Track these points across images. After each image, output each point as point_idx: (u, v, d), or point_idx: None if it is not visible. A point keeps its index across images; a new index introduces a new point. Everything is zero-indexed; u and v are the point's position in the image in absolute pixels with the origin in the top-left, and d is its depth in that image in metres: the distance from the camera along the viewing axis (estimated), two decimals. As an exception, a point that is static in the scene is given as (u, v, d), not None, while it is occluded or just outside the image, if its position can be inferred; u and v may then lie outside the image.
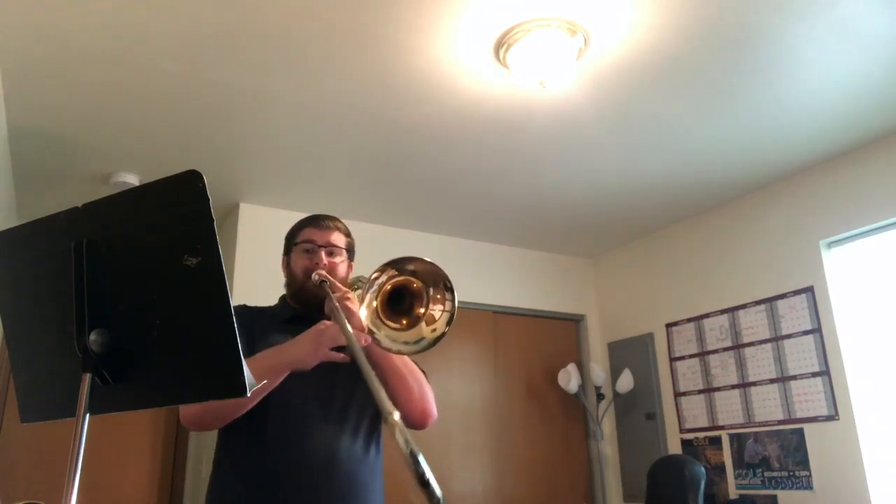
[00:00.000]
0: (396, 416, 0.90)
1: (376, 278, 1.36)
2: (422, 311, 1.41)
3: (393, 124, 3.08)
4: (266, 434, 1.49)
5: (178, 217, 0.98)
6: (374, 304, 1.37)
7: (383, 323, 1.39)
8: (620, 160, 3.51)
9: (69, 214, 1.05)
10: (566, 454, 4.60)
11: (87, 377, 0.98)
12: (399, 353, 1.40)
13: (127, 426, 3.83)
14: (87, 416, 0.98)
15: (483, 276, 4.53)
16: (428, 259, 1.39)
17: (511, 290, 4.64)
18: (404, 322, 1.41)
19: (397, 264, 1.38)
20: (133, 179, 3.45)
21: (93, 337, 0.99)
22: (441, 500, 0.93)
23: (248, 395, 0.95)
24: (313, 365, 1.43)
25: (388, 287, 1.38)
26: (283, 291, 1.79)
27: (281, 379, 1.43)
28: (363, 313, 1.36)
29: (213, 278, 0.96)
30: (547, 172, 3.63)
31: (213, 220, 0.96)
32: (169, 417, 4.00)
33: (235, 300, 1.06)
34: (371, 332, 1.36)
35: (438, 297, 1.41)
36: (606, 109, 3.00)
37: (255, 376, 1.38)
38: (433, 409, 1.59)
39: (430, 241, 4.43)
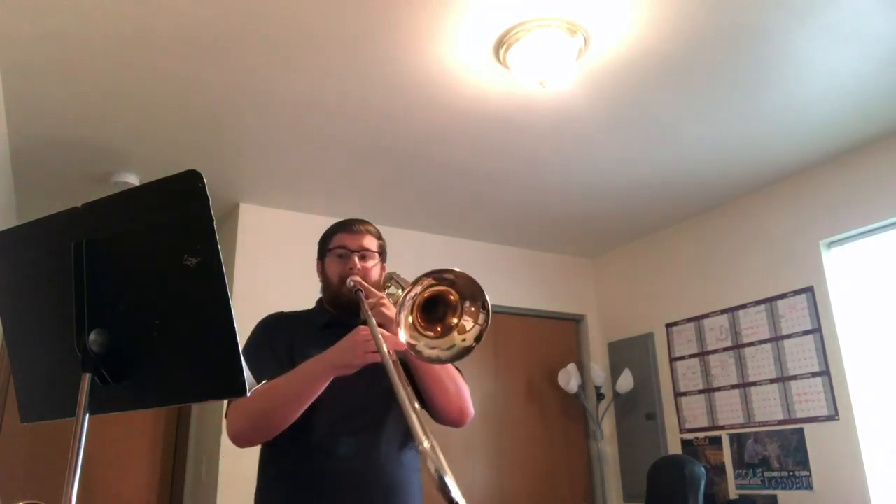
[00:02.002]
0: (426, 444, 0.98)
1: (414, 290, 1.38)
2: (454, 321, 1.44)
3: (393, 124, 3.08)
4: (310, 443, 1.52)
5: (178, 217, 0.98)
6: (411, 317, 1.39)
7: (420, 333, 1.41)
8: (620, 160, 3.51)
9: (69, 214, 1.05)
10: (566, 454, 4.60)
11: (87, 377, 0.98)
12: (437, 359, 1.42)
13: (127, 426, 3.83)
14: (87, 416, 0.98)
15: (483, 276, 4.49)
16: (469, 274, 1.42)
17: (511, 290, 4.64)
18: (438, 330, 1.43)
19: (436, 275, 1.40)
20: (133, 179, 3.45)
21: (93, 337, 0.99)
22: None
23: (248, 394, 0.95)
24: (357, 369, 1.47)
25: (426, 295, 1.41)
26: (283, 290, 1.81)
27: (325, 385, 1.47)
28: (402, 326, 1.38)
29: (213, 278, 0.96)
30: (547, 172, 3.63)
31: (213, 220, 0.96)
32: (169, 417, 4.00)
33: (235, 300, 1.06)
34: (411, 345, 1.38)
35: (473, 310, 1.45)
36: (606, 109, 3.00)
37: (301, 386, 1.45)
38: (470, 408, 1.66)
39: (431, 241, 4.43)
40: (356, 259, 1.68)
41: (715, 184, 3.84)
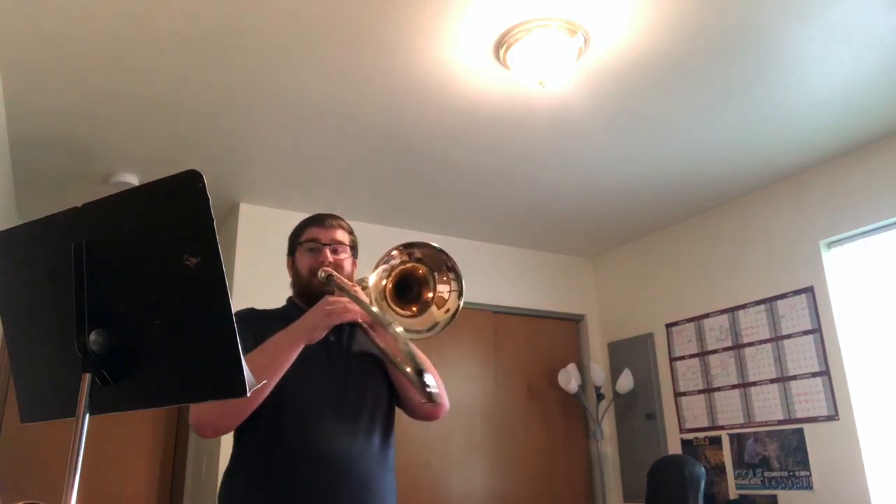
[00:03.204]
0: (398, 328, 1.08)
1: (382, 267, 1.41)
2: (430, 295, 1.46)
3: (393, 124, 3.08)
4: (281, 435, 1.50)
5: (178, 217, 0.98)
6: (385, 298, 1.41)
7: (395, 314, 1.43)
8: (620, 160, 3.51)
9: (69, 214, 1.05)
10: (566, 454, 4.60)
11: (87, 377, 0.98)
12: (412, 340, 1.42)
13: (127, 426, 3.83)
14: (87, 416, 0.98)
15: (483, 276, 4.53)
16: (430, 243, 1.46)
17: (511, 290, 4.64)
18: (414, 309, 1.46)
19: (407, 249, 1.44)
20: (133, 179, 3.45)
21: (93, 337, 0.99)
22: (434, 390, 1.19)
23: (248, 394, 0.95)
24: (324, 333, 1.49)
25: (395, 276, 1.44)
26: (283, 290, 1.80)
27: (294, 356, 1.47)
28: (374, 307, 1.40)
29: (213, 278, 0.96)
30: (547, 172, 3.63)
31: (213, 220, 0.96)
32: (169, 417, 4.00)
33: (235, 300, 1.06)
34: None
35: (444, 278, 1.46)
36: (606, 109, 3.00)
37: (269, 358, 1.44)
38: (445, 402, 1.66)
39: (430, 240, 4.42)
40: (327, 252, 1.66)
41: (715, 184, 3.84)
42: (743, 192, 3.97)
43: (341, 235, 1.71)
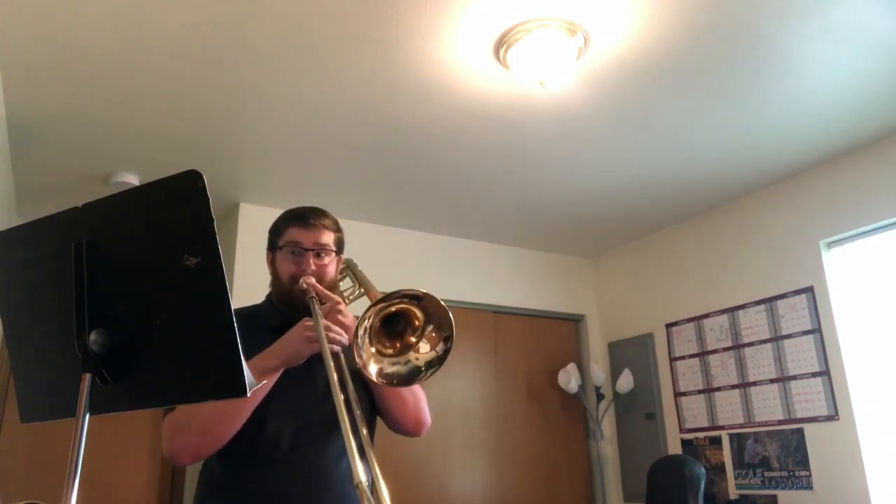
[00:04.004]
0: (363, 480, 1.06)
1: (379, 306, 1.31)
2: (413, 340, 1.37)
3: (393, 124, 3.08)
4: (259, 447, 1.44)
5: (178, 217, 0.98)
6: (369, 337, 1.32)
7: (378, 350, 1.35)
8: (620, 160, 3.51)
9: (69, 214, 1.05)
10: (566, 454, 4.60)
11: (87, 377, 0.98)
12: (389, 377, 1.35)
13: (127, 426, 3.83)
14: (87, 416, 0.97)
15: (483, 276, 4.53)
16: (442, 303, 1.35)
17: (511, 290, 4.64)
18: (397, 346, 1.37)
19: (408, 297, 1.33)
20: (133, 179, 3.45)
21: (93, 337, 0.99)
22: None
23: (248, 394, 0.95)
24: (305, 358, 1.42)
25: (390, 311, 1.35)
26: None
27: (275, 379, 1.41)
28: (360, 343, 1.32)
29: (213, 278, 0.96)
30: (547, 172, 3.63)
31: (213, 220, 0.96)
32: (169, 417, 4.00)
33: (235, 300, 1.06)
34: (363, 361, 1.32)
35: (434, 336, 1.38)
36: (606, 109, 3.00)
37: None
38: (427, 418, 1.59)
39: (431, 241, 4.43)
40: (310, 259, 1.55)
41: (715, 184, 3.84)
42: (743, 192, 3.97)
43: (325, 237, 1.59)
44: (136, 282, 1.02)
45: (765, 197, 3.92)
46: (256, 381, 1.34)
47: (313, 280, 1.52)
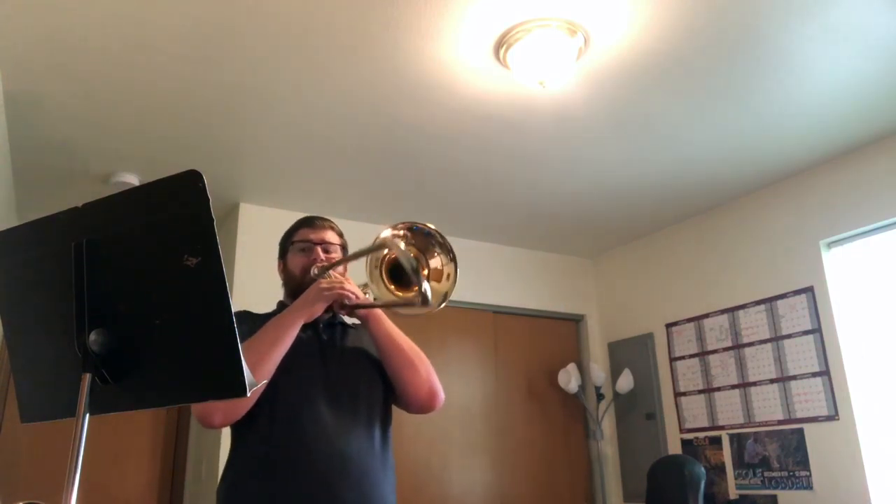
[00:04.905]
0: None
1: (373, 260, 1.52)
2: (426, 272, 1.52)
3: (393, 124, 3.08)
4: (278, 432, 1.50)
5: (178, 217, 0.98)
6: (384, 283, 1.51)
7: (397, 296, 1.52)
8: (620, 160, 3.51)
9: (69, 214, 1.05)
10: (566, 454, 4.60)
11: (87, 377, 0.98)
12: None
13: (127, 426, 3.83)
14: (87, 416, 0.98)
15: (483, 276, 4.53)
16: (404, 224, 1.55)
17: (511, 290, 4.64)
18: (415, 289, 1.52)
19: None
20: (133, 179, 3.45)
21: (93, 337, 0.99)
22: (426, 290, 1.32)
23: (248, 394, 0.95)
24: (324, 308, 1.54)
25: (386, 265, 1.51)
26: (282, 291, 1.80)
27: (295, 333, 1.51)
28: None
29: (213, 278, 0.96)
30: (547, 172, 3.63)
31: (213, 220, 0.96)
32: (169, 417, 4.00)
33: (235, 300, 1.06)
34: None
35: (434, 252, 1.55)
36: (606, 109, 3.00)
37: (271, 335, 1.49)
38: (440, 390, 1.67)
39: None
40: (319, 250, 1.69)
41: (715, 184, 3.84)
42: (743, 192, 3.97)
43: (331, 236, 1.74)
44: (136, 282, 1.02)
45: (765, 197, 3.92)
46: (279, 337, 1.47)
47: (323, 258, 1.68)
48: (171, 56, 2.52)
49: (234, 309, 0.96)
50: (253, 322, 1.62)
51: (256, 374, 1.43)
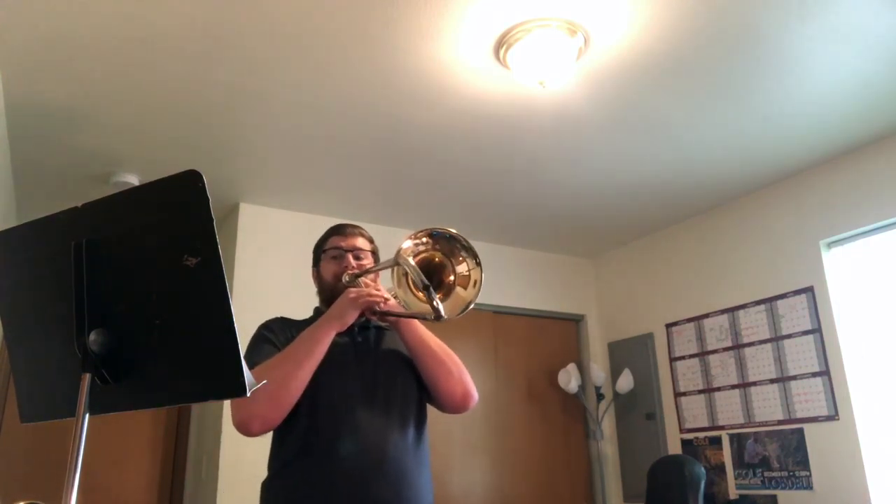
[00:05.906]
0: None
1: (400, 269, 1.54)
2: (452, 278, 1.57)
3: (393, 124, 3.08)
4: (317, 434, 1.54)
5: (178, 217, 0.98)
6: (411, 291, 1.55)
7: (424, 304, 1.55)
8: (620, 160, 3.51)
9: (69, 214, 1.05)
10: (566, 454, 4.60)
11: (87, 377, 0.98)
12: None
13: (127, 426, 3.83)
14: (87, 416, 0.98)
15: (484, 275, 4.52)
16: (433, 229, 1.57)
17: (511, 290, 4.64)
18: (441, 296, 1.55)
19: (415, 242, 1.55)
20: (133, 179, 3.45)
21: (92, 337, 0.99)
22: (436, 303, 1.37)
23: (248, 394, 0.95)
24: (355, 317, 1.59)
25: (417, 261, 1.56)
26: (282, 291, 1.83)
27: (328, 342, 1.55)
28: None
29: (213, 278, 0.96)
30: (547, 172, 3.63)
31: (213, 220, 0.96)
32: (169, 417, 4.00)
33: (235, 300, 1.06)
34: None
35: (460, 257, 1.58)
36: (606, 109, 3.00)
37: (306, 346, 1.53)
38: (474, 390, 1.69)
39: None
40: (350, 257, 1.74)
41: (715, 184, 3.84)
42: (743, 192, 3.97)
43: (362, 243, 1.79)
44: (136, 282, 1.02)
45: (765, 197, 3.92)
46: (313, 348, 1.52)
47: (354, 265, 1.73)
48: (171, 56, 2.52)
49: (236, 307, 0.96)
50: (290, 330, 1.67)
51: (291, 385, 1.49)
